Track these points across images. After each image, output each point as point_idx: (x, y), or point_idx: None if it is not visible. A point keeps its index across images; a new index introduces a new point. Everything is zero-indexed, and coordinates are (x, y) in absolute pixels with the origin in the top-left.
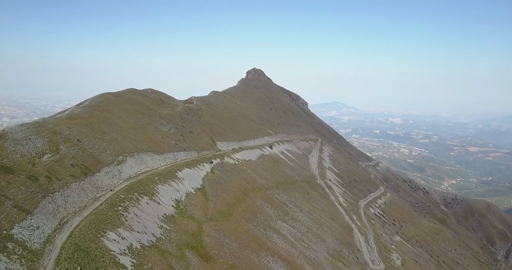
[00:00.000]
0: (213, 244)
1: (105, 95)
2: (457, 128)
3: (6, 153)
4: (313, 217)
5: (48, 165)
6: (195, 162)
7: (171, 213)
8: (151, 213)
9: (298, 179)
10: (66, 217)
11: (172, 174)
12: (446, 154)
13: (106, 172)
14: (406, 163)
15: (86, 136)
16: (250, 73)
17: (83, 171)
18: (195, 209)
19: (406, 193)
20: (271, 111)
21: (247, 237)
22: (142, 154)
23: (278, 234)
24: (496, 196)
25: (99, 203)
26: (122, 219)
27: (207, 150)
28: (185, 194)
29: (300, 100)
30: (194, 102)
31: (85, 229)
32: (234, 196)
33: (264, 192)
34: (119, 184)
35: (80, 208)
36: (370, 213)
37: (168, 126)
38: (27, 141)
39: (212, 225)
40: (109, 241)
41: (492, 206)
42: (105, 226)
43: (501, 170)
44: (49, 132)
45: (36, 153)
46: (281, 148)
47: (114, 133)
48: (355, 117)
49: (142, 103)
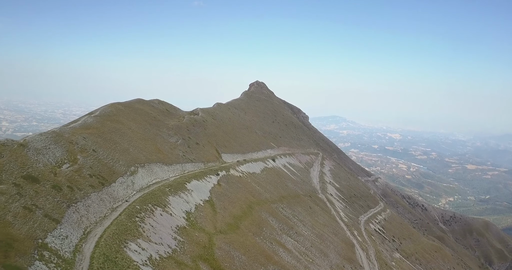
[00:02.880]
0: (224, 257)
1: (114, 105)
2: (455, 145)
3: (30, 162)
4: (316, 232)
5: (68, 175)
6: (202, 174)
7: (182, 225)
8: (165, 224)
9: (300, 193)
10: (89, 226)
11: (182, 186)
12: (444, 171)
13: (121, 182)
14: (404, 179)
15: (100, 146)
16: (253, 86)
17: (100, 181)
18: (205, 221)
19: (405, 209)
20: (273, 124)
21: (255, 250)
22: (152, 165)
23: (284, 248)
24: (494, 215)
25: (118, 213)
26: (140, 230)
27: (213, 162)
28: (195, 206)
29: (301, 113)
30: (199, 114)
31: (109, 239)
32: (240, 209)
33: (268, 205)
34: (133, 195)
35: (101, 218)
36: (371, 229)
37: (175, 137)
38: (47, 151)
39: (222, 237)
40: (132, 252)
41: (491, 225)
42: (126, 236)
43: (499, 188)
44: (66, 142)
45: (56, 163)
46: (283, 161)
47: (125, 144)
48: (354, 131)
49: (150, 114)
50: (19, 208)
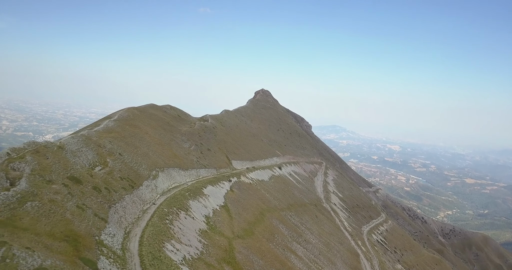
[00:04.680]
0: (245, 261)
1: (130, 109)
2: (454, 159)
3: (70, 164)
4: (323, 240)
5: (103, 177)
6: (216, 180)
7: (204, 229)
8: (190, 227)
9: (306, 201)
10: (127, 226)
11: (199, 191)
12: (443, 184)
13: (146, 185)
14: (403, 190)
15: (124, 150)
16: (259, 94)
17: (130, 184)
18: (223, 225)
19: (405, 221)
20: (278, 132)
21: (270, 255)
22: (170, 170)
23: (295, 255)
24: (492, 230)
25: (149, 215)
26: (171, 231)
27: (224, 168)
28: (212, 211)
29: (305, 122)
30: (209, 120)
31: (150, 239)
32: (253, 215)
33: (278, 213)
34: (158, 198)
35: (135, 219)
36: (373, 239)
37: (188, 143)
38: (80, 153)
39: (240, 242)
40: (169, 252)
41: (490, 239)
42: (162, 237)
43: (498, 203)
44: (95, 145)
45: (89, 165)
46: (289, 169)
47: (145, 148)
48: (354, 141)
49: (163, 119)
50: (73, 207)
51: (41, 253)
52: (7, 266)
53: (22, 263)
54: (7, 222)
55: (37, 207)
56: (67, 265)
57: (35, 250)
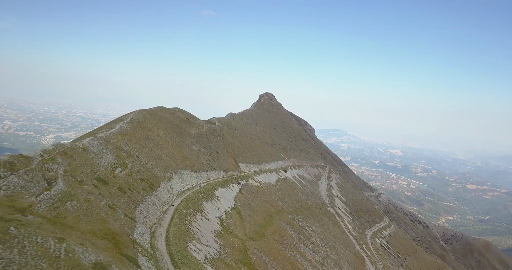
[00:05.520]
0: (259, 262)
1: (141, 112)
2: (455, 164)
3: (94, 165)
4: (329, 244)
5: (124, 178)
6: (226, 182)
7: (219, 230)
8: (207, 228)
9: (312, 205)
10: (152, 227)
11: (211, 193)
12: (444, 189)
13: (163, 187)
14: (404, 195)
15: (140, 152)
16: (263, 97)
17: (149, 185)
18: (235, 227)
19: (407, 226)
20: (282, 135)
21: (281, 257)
22: (183, 172)
23: (304, 257)
24: (493, 236)
25: (169, 216)
26: (191, 232)
27: (233, 171)
28: (224, 213)
29: (308, 126)
30: (216, 123)
31: (175, 239)
32: (262, 218)
33: (286, 216)
34: (174, 199)
35: (157, 219)
36: (376, 243)
37: (197, 146)
38: (102, 155)
39: (253, 243)
40: (193, 251)
41: (491, 245)
42: (185, 237)
43: (499, 209)
44: (114, 147)
45: (110, 166)
46: (294, 173)
47: (158, 150)
48: (355, 145)
49: (173, 122)
50: (105, 207)
51: (92, 249)
52: (71, 260)
53: (82, 257)
54: (55, 220)
55: (76, 206)
56: (115, 261)
57: (87, 247)
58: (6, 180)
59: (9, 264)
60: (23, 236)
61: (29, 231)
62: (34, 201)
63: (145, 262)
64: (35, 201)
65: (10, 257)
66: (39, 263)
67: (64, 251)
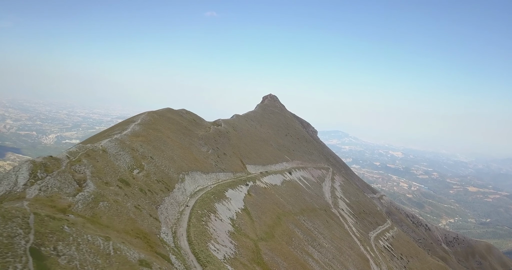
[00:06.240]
0: (271, 262)
1: (151, 113)
2: (457, 167)
3: (115, 166)
4: (335, 245)
5: (143, 180)
6: (234, 184)
7: (232, 230)
8: (221, 229)
9: (316, 206)
10: (172, 227)
11: (222, 194)
12: (445, 192)
13: (177, 188)
14: (405, 197)
15: (154, 154)
16: (267, 99)
17: (165, 187)
18: (247, 228)
19: (409, 228)
20: (286, 137)
21: (291, 258)
22: (194, 173)
23: (312, 258)
24: (495, 239)
25: (186, 216)
26: (209, 232)
27: (240, 172)
28: (235, 214)
29: (310, 127)
30: (222, 125)
31: (196, 239)
32: (271, 219)
33: (293, 217)
34: (188, 200)
35: (175, 220)
36: (380, 245)
37: (206, 147)
38: (120, 157)
39: (264, 244)
40: (213, 251)
41: (493, 248)
42: (204, 237)
43: (500, 212)
44: (130, 149)
45: (128, 168)
46: (298, 174)
47: (170, 152)
48: (356, 147)
49: (181, 123)
50: (132, 207)
51: (132, 247)
52: (120, 257)
53: (128, 255)
54: (93, 220)
55: (108, 207)
56: (154, 259)
57: (127, 245)
58: (44, 181)
59: (71, 259)
60: (76, 234)
61: (79, 229)
62: (71, 201)
63: (176, 260)
64: (73, 202)
65: (71, 253)
66: (95, 260)
67: (113, 248)
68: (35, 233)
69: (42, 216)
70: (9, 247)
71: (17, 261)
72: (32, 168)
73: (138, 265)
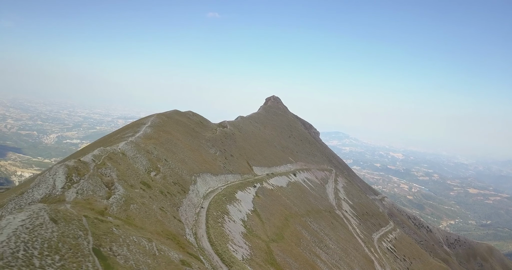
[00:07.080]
0: (284, 263)
1: (160, 115)
2: (457, 168)
3: (135, 169)
4: (341, 246)
5: (160, 182)
6: (243, 185)
7: (244, 232)
8: (235, 230)
9: (321, 208)
10: (192, 228)
11: (232, 196)
12: (446, 193)
13: (192, 190)
14: (405, 199)
15: (167, 156)
16: (270, 100)
17: (182, 189)
18: (258, 229)
19: (411, 230)
20: (289, 139)
21: (301, 259)
22: (204, 175)
23: (320, 259)
24: (495, 241)
25: (203, 218)
26: (226, 234)
27: (247, 174)
28: (246, 215)
29: (313, 129)
30: (227, 127)
31: (218, 240)
32: (279, 221)
33: (299, 218)
34: (202, 202)
35: (194, 221)
36: (383, 247)
37: (213, 149)
38: (137, 159)
39: (275, 245)
40: (233, 252)
41: (495, 250)
42: (224, 238)
43: (501, 214)
44: (145, 152)
45: (145, 170)
46: (302, 176)
47: (181, 154)
48: (356, 148)
49: (188, 125)
50: (158, 209)
51: (170, 248)
52: (164, 257)
53: (170, 255)
54: (129, 222)
55: (138, 209)
56: (189, 259)
57: (166, 246)
58: (79, 184)
59: (127, 260)
60: (124, 236)
61: (125, 231)
62: (107, 204)
63: (204, 260)
64: (108, 204)
65: (125, 254)
66: (145, 260)
67: (157, 249)
68: (92, 234)
69: (91, 218)
70: (77, 247)
71: (86, 260)
72: (67, 171)
73: (181, 264)
